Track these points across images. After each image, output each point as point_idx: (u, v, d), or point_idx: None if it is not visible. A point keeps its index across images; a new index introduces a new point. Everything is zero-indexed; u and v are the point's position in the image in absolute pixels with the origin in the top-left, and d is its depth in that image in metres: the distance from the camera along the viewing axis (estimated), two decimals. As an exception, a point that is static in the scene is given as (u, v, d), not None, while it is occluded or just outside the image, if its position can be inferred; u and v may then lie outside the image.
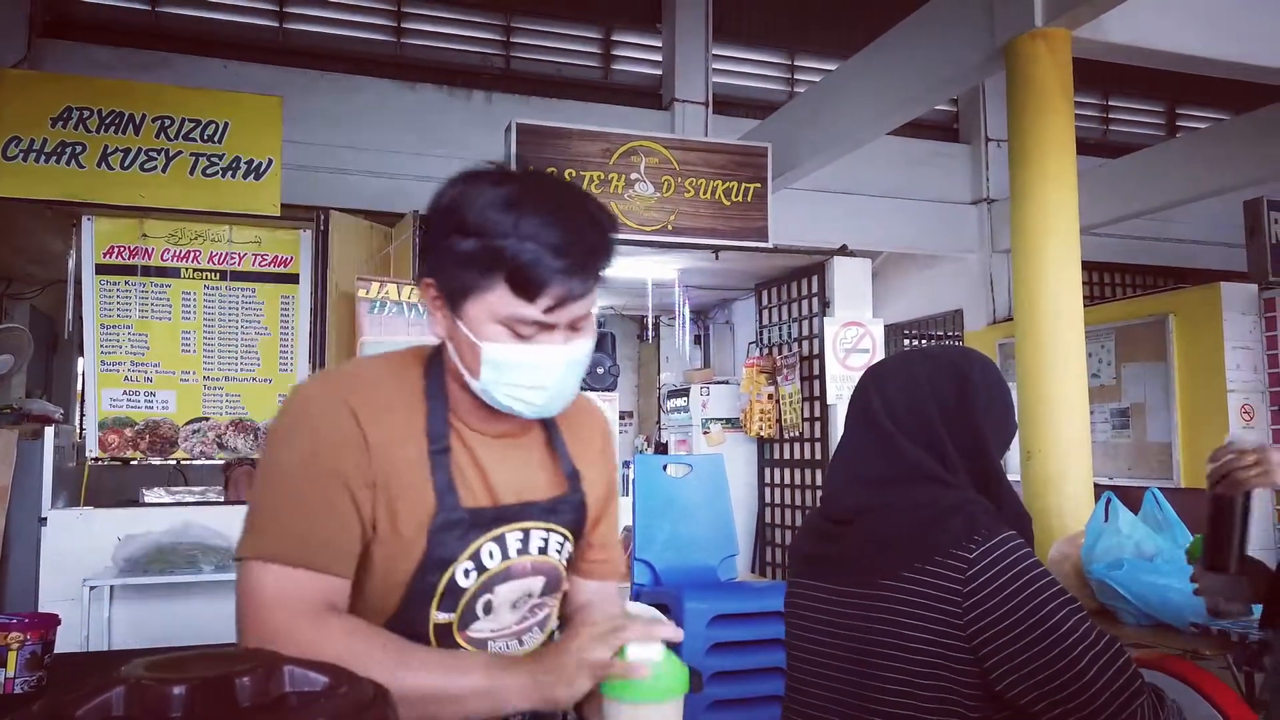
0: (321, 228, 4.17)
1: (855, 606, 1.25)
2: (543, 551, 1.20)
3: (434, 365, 1.18)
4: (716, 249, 5.38)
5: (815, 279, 6.08)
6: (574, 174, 4.90)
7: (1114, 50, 4.17)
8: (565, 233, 1.05)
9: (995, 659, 1.15)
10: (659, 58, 7.65)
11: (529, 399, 1.10)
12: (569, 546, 1.24)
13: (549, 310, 1.06)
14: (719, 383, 6.76)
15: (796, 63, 8.15)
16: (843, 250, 5.76)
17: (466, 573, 1.14)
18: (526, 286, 1.04)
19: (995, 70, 4.37)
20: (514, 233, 1.02)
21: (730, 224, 5.29)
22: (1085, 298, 4.06)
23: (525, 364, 1.08)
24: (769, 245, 5.42)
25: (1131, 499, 3.27)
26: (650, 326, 7.35)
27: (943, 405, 1.30)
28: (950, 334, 8.69)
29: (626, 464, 5.52)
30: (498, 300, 1.04)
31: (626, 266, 5.93)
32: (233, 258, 4.51)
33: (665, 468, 4.03)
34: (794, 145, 5.87)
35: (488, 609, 1.15)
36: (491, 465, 1.17)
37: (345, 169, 6.18)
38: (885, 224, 7.52)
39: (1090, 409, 4.05)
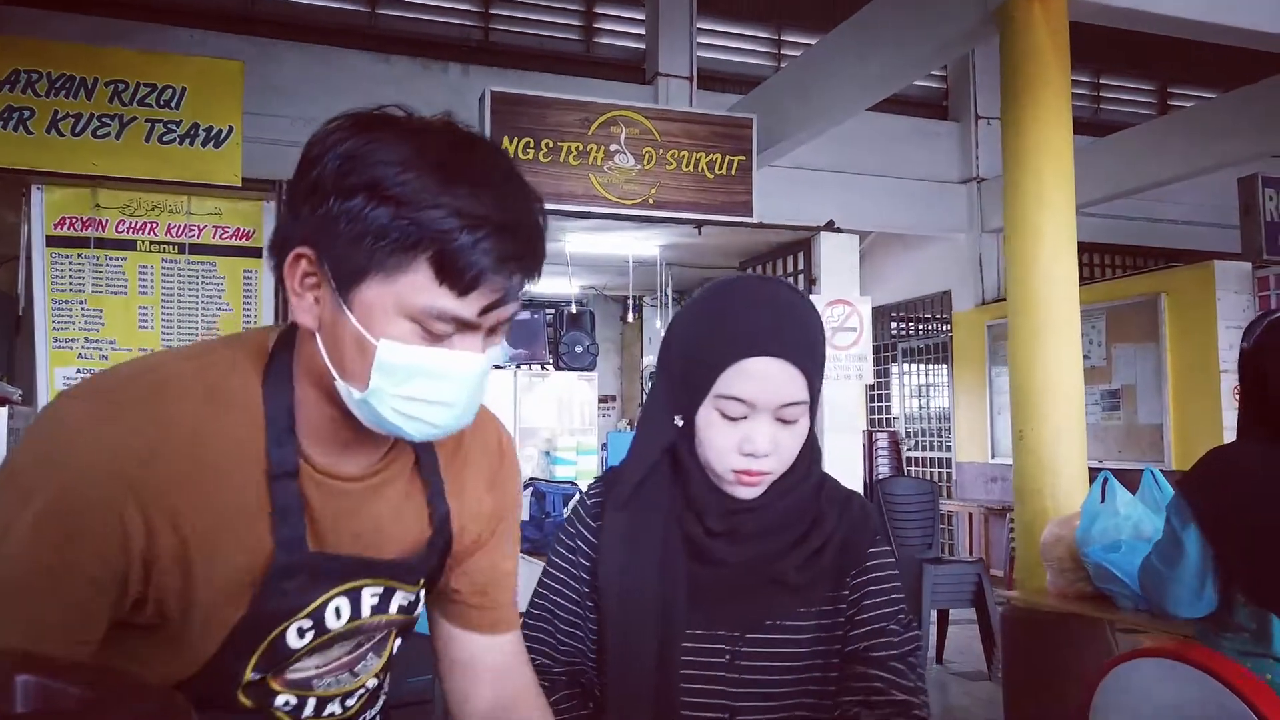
0: (285, 198, 3.97)
1: None
2: (404, 611, 0.98)
3: (279, 365, 0.88)
4: (699, 224, 5.21)
5: (801, 256, 5.93)
6: (551, 144, 4.72)
7: (1110, 14, 4.01)
8: (510, 209, 0.80)
9: None
10: (642, 31, 7.46)
11: (428, 418, 0.83)
12: (423, 597, 1.02)
13: (484, 310, 0.81)
14: (703, 364, 6.62)
15: (783, 37, 7.97)
16: (829, 226, 5.60)
17: (301, 632, 0.89)
18: (459, 275, 0.78)
19: (988, 36, 4.21)
20: (446, 202, 0.77)
21: (714, 198, 5.12)
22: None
23: (433, 372, 0.81)
24: (754, 220, 5.25)
25: (1125, 482, 3.14)
26: (632, 307, 7.18)
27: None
28: (938, 315, 8.57)
29: (604, 445, 5.36)
30: (411, 287, 0.78)
31: (607, 243, 5.76)
32: (191, 230, 4.32)
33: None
34: (779, 118, 5.70)
35: (315, 651, 0.93)
36: (340, 515, 0.90)
37: (315, 142, 5.96)
38: (873, 203, 7.37)
39: (1082, 389, 3.91)
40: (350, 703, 0.98)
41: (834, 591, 1.14)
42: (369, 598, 0.94)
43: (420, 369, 0.80)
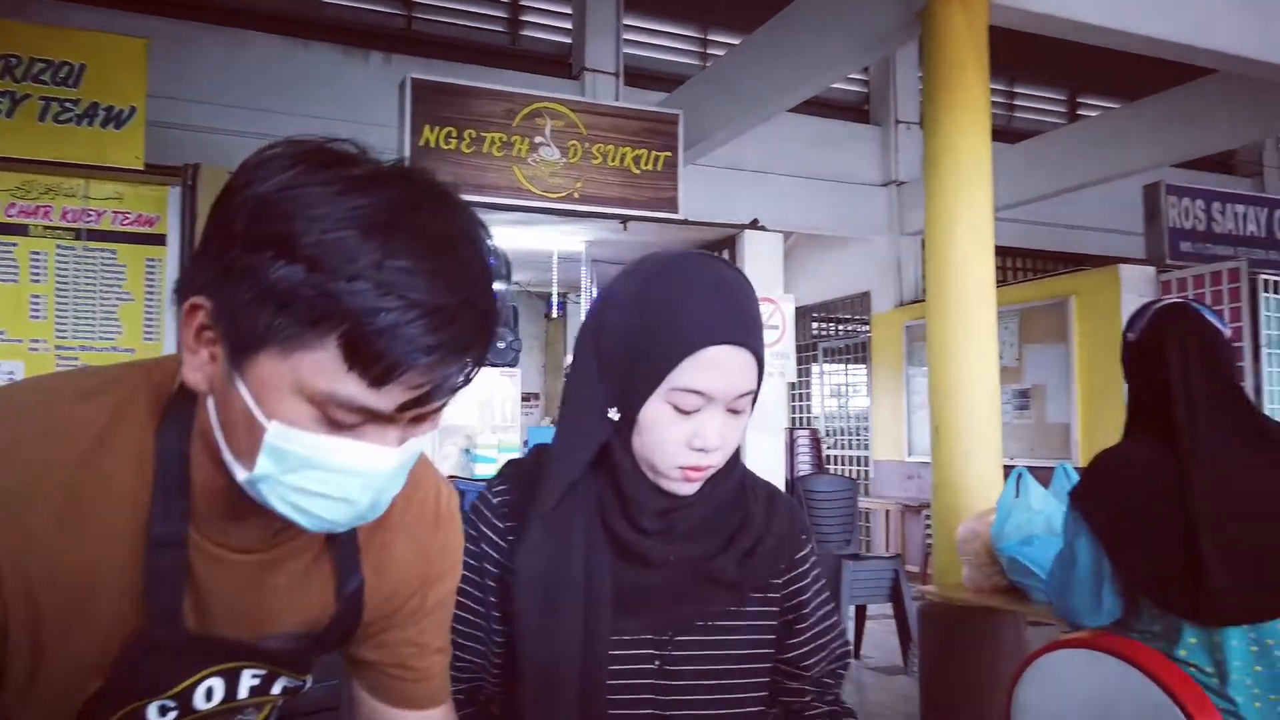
0: (190, 183, 3.79)
1: None
2: (290, 691, 0.88)
3: (179, 411, 0.75)
4: (625, 219, 5.17)
5: (726, 254, 5.93)
6: (474, 135, 4.62)
7: (1030, 19, 4.10)
8: (452, 289, 0.66)
9: None
10: (569, 25, 7.39)
11: (323, 513, 0.71)
12: (310, 681, 0.91)
13: (404, 406, 0.68)
14: (627, 361, 6.57)
15: (710, 36, 8.00)
16: (754, 224, 5.63)
17: (164, 710, 0.79)
18: (371, 363, 0.64)
19: (910, 38, 4.28)
20: (369, 274, 0.63)
21: (640, 194, 5.09)
22: (991, 278, 3.99)
23: (331, 466, 0.69)
24: (679, 217, 5.24)
25: (1037, 479, 3.21)
26: (556, 304, 7.10)
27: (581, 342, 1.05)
28: (858, 316, 8.71)
29: (526, 443, 5.28)
30: (313, 367, 0.65)
31: (531, 237, 5.68)
32: (90, 215, 4.08)
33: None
34: (705, 116, 5.71)
35: None
36: (228, 590, 0.79)
37: (227, 129, 5.73)
38: (795, 204, 7.45)
39: (994, 389, 4.00)
40: None
41: (763, 592, 1.11)
42: (249, 679, 0.83)
43: (315, 461, 0.68)
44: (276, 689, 0.86)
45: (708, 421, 0.98)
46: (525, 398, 8.34)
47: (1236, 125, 6.06)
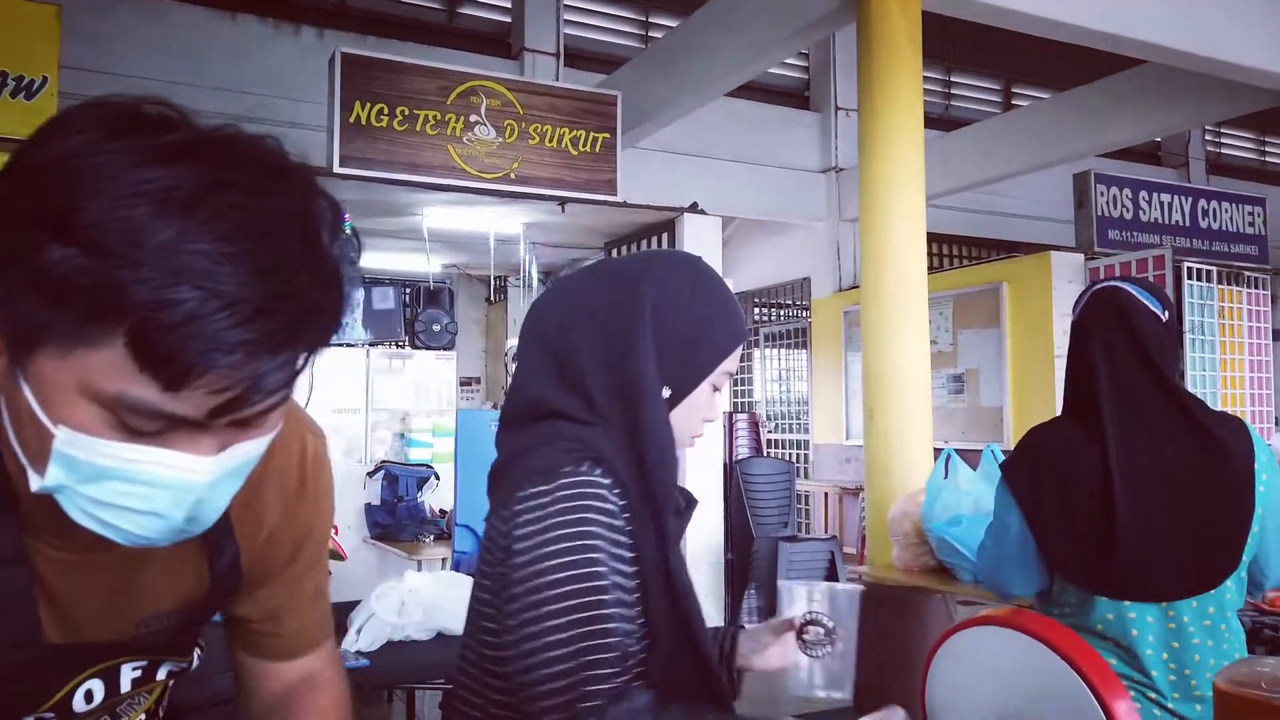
0: None
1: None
2: (177, 674, 0.85)
3: None
4: (563, 200, 5.11)
5: (666, 238, 5.92)
6: (407, 112, 4.51)
7: (961, 5, 4.14)
8: (261, 278, 0.57)
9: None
10: (508, 4, 7.28)
11: (130, 528, 0.62)
12: (199, 657, 0.89)
13: (215, 411, 0.60)
14: (567, 345, 6.51)
15: (651, 18, 7.94)
16: (693, 208, 5.61)
17: None
18: (162, 364, 0.56)
19: (848, 20, 4.28)
20: (158, 260, 0.54)
21: (578, 175, 5.03)
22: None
23: (133, 477, 0.60)
24: (618, 199, 5.19)
25: (969, 462, 3.26)
26: (495, 288, 7.02)
27: (600, 327, 1.07)
28: (798, 301, 8.78)
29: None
30: (101, 367, 0.57)
31: (468, 218, 5.59)
32: (-1, 189, 3.92)
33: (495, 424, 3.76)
34: (644, 97, 5.67)
35: None
36: (88, 592, 0.75)
37: (150, 102, 5.53)
38: (736, 189, 7.46)
39: (928, 373, 4.04)
40: None
41: None
42: (130, 672, 0.80)
43: (114, 471, 0.60)
44: (161, 674, 0.84)
45: (719, 398, 1.18)
46: (465, 381, 8.25)
47: (1163, 115, 6.21)
